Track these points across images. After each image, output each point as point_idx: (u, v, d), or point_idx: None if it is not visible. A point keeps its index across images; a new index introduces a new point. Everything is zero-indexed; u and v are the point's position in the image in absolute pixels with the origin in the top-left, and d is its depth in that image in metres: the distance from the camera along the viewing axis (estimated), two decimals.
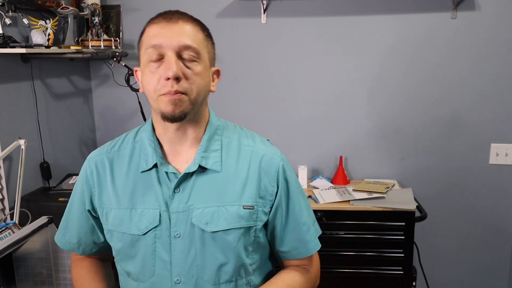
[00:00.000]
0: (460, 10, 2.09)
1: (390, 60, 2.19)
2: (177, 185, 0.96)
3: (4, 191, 1.76)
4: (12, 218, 1.67)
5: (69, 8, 1.93)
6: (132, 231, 0.96)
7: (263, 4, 2.20)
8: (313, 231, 1.05)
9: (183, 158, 0.98)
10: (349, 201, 1.98)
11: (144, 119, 2.17)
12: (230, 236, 0.95)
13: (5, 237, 1.43)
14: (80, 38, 2.19)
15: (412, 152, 2.26)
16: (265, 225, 1.01)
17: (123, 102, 2.41)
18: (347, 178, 2.25)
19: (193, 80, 0.90)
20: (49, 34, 1.84)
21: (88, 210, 1.04)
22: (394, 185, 2.16)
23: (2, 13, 1.68)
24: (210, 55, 0.96)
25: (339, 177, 2.23)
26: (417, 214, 1.95)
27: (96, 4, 2.15)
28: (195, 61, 0.91)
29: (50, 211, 1.64)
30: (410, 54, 2.17)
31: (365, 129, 2.27)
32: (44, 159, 2.00)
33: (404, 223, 1.94)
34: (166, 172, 0.97)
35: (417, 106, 2.21)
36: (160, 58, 0.90)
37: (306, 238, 1.03)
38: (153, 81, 0.89)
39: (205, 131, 0.99)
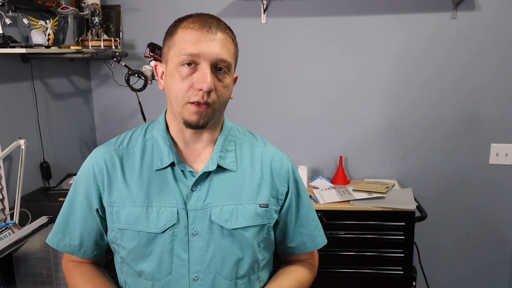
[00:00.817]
0: (460, 10, 2.09)
1: (390, 60, 2.19)
2: (195, 184, 0.97)
3: (4, 191, 1.76)
4: (12, 218, 1.67)
5: (69, 8, 1.93)
6: (150, 229, 0.96)
7: (263, 4, 2.20)
8: (320, 227, 1.12)
9: (198, 157, 1.00)
10: (349, 201, 1.98)
11: (144, 119, 2.17)
12: (248, 232, 0.98)
13: (5, 237, 1.43)
14: (80, 38, 2.19)
15: (412, 152, 2.26)
16: (275, 224, 1.05)
17: (123, 102, 2.41)
18: (347, 178, 2.25)
19: (221, 92, 0.93)
20: (49, 34, 1.84)
21: (97, 210, 1.01)
22: (394, 185, 2.16)
23: (2, 13, 1.68)
24: (235, 64, 0.99)
25: (339, 177, 2.23)
26: (417, 214, 1.95)
27: (96, 4, 2.15)
28: (226, 73, 0.93)
29: (50, 211, 1.64)
30: (410, 54, 2.17)
31: (365, 129, 2.27)
32: (44, 159, 2.00)
33: (404, 223, 1.94)
34: (182, 170, 0.98)
35: (417, 106, 2.21)
36: (193, 64, 0.90)
37: (314, 233, 1.10)
38: (184, 87, 0.90)
39: (220, 132, 1.02)
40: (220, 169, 0.99)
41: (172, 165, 0.98)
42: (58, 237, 1.06)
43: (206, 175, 0.98)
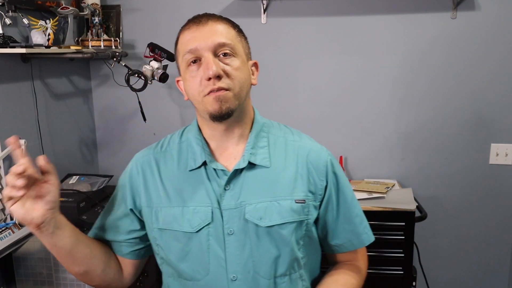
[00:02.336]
0: (460, 10, 2.09)
1: (390, 60, 2.19)
2: (227, 182, 0.97)
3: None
4: (12, 218, 1.67)
5: (69, 8, 1.93)
6: (185, 228, 0.96)
7: (263, 4, 2.20)
8: (366, 223, 1.08)
9: (231, 155, 1.00)
10: None
11: (144, 119, 2.17)
12: (284, 230, 0.95)
13: (5, 237, 1.43)
14: (80, 38, 2.19)
15: (412, 152, 2.26)
16: (316, 221, 1.02)
17: (123, 102, 2.41)
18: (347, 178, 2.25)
19: (234, 75, 0.92)
20: (49, 34, 1.84)
21: (131, 209, 1.04)
22: (394, 185, 2.16)
23: (2, 13, 1.68)
24: (245, 49, 0.99)
25: None
26: (417, 214, 1.95)
27: (96, 4, 2.15)
28: (232, 56, 0.93)
29: None
30: (410, 54, 2.17)
31: (365, 129, 2.27)
32: None
33: (404, 223, 1.93)
34: (215, 170, 0.98)
35: (417, 106, 2.21)
36: (198, 60, 0.92)
37: (359, 230, 1.06)
38: (195, 84, 0.92)
39: (251, 128, 1.01)
40: (252, 166, 0.98)
41: (205, 164, 0.98)
42: (95, 232, 1.11)
43: (238, 173, 0.97)
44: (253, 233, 0.95)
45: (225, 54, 0.92)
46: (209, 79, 0.89)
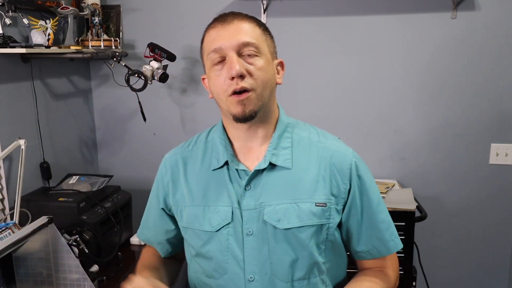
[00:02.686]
0: (460, 10, 2.09)
1: (390, 60, 2.19)
2: (248, 183, 0.97)
3: (4, 191, 1.77)
4: (12, 218, 1.67)
5: (69, 8, 1.93)
6: (205, 227, 0.98)
7: (263, 4, 2.20)
8: (393, 229, 1.03)
9: (254, 156, 1.00)
10: None
11: (144, 119, 2.17)
12: (303, 233, 0.94)
13: (5, 237, 1.43)
14: (80, 38, 2.19)
15: (412, 152, 2.26)
16: (339, 225, 1.00)
17: (123, 102, 2.41)
18: None
19: (257, 75, 0.92)
20: (49, 34, 1.84)
21: (162, 209, 1.08)
22: (394, 185, 2.16)
23: (2, 13, 1.68)
24: (271, 48, 1.00)
25: None
26: (417, 214, 1.95)
27: (96, 4, 2.15)
28: (256, 56, 0.93)
29: (50, 211, 1.64)
30: (410, 54, 2.17)
31: (365, 129, 2.27)
32: (44, 159, 2.00)
33: (404, 223, 1.93)
34: (237, 170, 0.98)
35: (417, 106, 2.21)
36: (222, 60, 0.92)
37: (385, 236, 1.01)
38: (219, 83, 0.92)
39: (275, 128, 1.01)
40: (274, 167, 0.97)
41: (227, 164, 0.99)
42: (143, 232, 1.16)
43: (259, 173, 0.97)
44: (271, 235, 0.94)
45: (249, 54, 0.92)
46: (232, 78, 0.90)
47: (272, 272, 0.95)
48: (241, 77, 0.90)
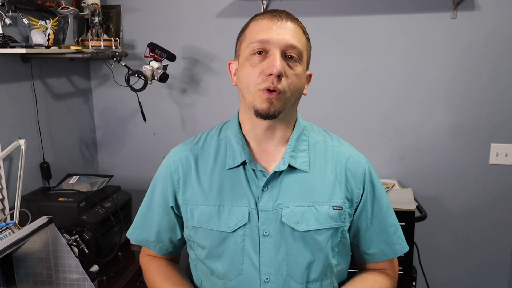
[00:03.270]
0: (460, 10, 2.09)
1: (390, 60, 2.19)
2: (266, 184, 0.96)
3: (4, 191, 1.76)
4: (12, 218, 1.67)
5: (69, 8, 1.93)
6: (221, 228, 0.96)
7: (263, 4, 2.20)
8: (401, 233, 1.06)
9: (270, 157, 0.99)
10: None
11: (144, 119, 2.17)
12: (321, 236, 0.95)
13: (5, 237, 1.43)
14: (80, 38, 2.19)
15: (412, 152, 2.26)
16: (349, 228, 1.01)
17: (123, 102, 2.41)
18: None
19: (292, 80, 0.92)
20: (49, 34, 1.84)
21: (172, 207, 1.04)
22: (394, 185, 2.16)
23: (2, 13, 1.68)
24: (308, 59, 1.00)
25: None
26: (417, 214, 1.95)
27: (96, 4, 2.15)
28: (297, 61, 0.93)
29: (50, 211, 1.64)
30: (410, 54, 2.17)
31: (365, 129, 2.27)
32: (44, 159, 2.00)
33: (404, 223, 1.93)
34: (254, 170, 0.97)
35: (417, 106, 2.21)
36: (264, 52, 0.91)
37: (392, 240, 1.05)
38: (254, 74, 0.91)
39: (292, 131, 1.01)
40: (291, 169, 0.97)
41: (244, 164, 0.98)
42: (137, 232, 1.11)
43: (277, 175, 0.97)
44: (289, 236, 0.94)
45: (291, 57, 0.92)
46: (270, 75, 0.89)
47: (288, 274, 0.95)
48: (279, 77, 0.89)
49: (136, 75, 2.03)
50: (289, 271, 0.95)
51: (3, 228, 1.46)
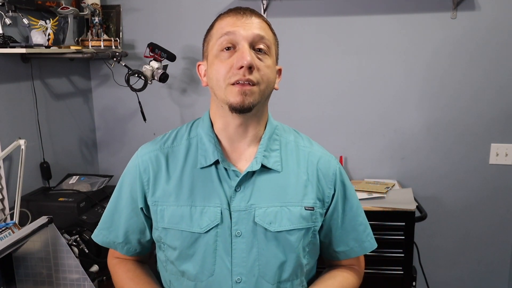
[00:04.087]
0: (460, 10, 2.09)
1: (390, 60, 2.19)
2: (239, 184, 0.95)
3: (4, 191, 1.77)
4: (12, 218, 1.67)
5: (69, 8, 1.93)
6: (193, 229, 0.94)
7: (263, 4, 2.20)
8: (369, 231, 1.07)
9: (242, 156, 0.98)
10: None
11: (144, 119, 2.17)
12: (293, 236, 0.95)
13: (5, 237, 1.43)
14: (80, 38, 2.19)
15: (412, 152, 2.26)
16: (320, 228, 1.01)
17: (123, 102, 2.41)
18: None
19: (264, 72, 0.91)
20: (49, 34, 1.84)
21: (141, 208, 1.01)
22: (394, 185, 2.16)
23: (2, 13, 1.68)
24: (276, 53, 1.00)
25: None
26: (417, 214, 1.95)
27: (96, 4, 2.15)
28: (266, 54, 0.92)
29: (50, 211, 1.64)
30: (410, 54, 2.17)
31: (365, 129, 2.27)
32: (44, 159, 2.00)
33: (404, 223, 1.93)
34: (226, 170, 0.96)
35: (417, 106, 2.21)
36: (232, 48, 0.90)
37: (362, 237, 1.06)
38: (224, 69, 0.89)
39: (264, 130, 0.99)
40: (264, 169, 0.96)
41: (216, 163, 0.96)
42: (103, 233, 1.07)
43: (250, 175, 0.96)
44: (262, 237, 0.94)
45: (260, 50, 0.91)
46: (241, 68, 0.87)
47: (260, 274, 0.94)
48: (250, 69, 0.88)
49: (136, 75, 2.03)
50: (261, 272, 0.94)
51: (3, 228, 1.46)
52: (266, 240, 0.94)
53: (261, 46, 0.91)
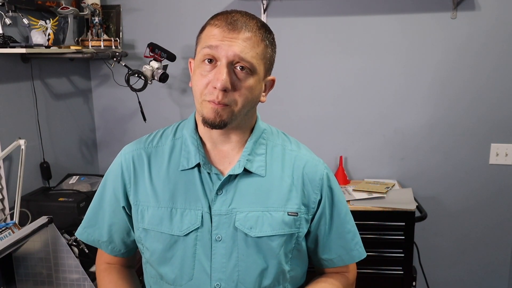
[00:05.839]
0: (460, 10, 2.09)
1: (390, 60, 2.19)
2: (220, 187, 0.93)
3: (4, 191, 1.77)
4: (12, 218, 1.67)
5: (69, 8, 1.93)
6: (173, 231, 0.93)
7: (263, 4, 2.20)
8: (358, 239, 1.04)
9: (226, 159, 0.96)
10: (349, 201, 1.98)
11: (144, 119, 2.17)
12: (274, 242, 0.92)
13: (5, 237, 1.43)
14: (80, 38, 2.19)
15: (412, 152, 2.26)
16: (306, 234, 0.99)
17: (123, 102, 2.41)
18: (347, 178, 2.25)
19: (242, 92, 0.87)
20: (49, 34, 1.84)
21: (123, 207, 1.00)
22: (394, 185, 2.16)
23: (2, 13, 1.68)
24: (267, 66, 0.93)
25: (339, 177, 2.23)
26: (417, 214, 1.96)
27: (96, 4, 2.15)
28: (248, 74, 0.88)
29: (50, 211, 1.64)
30: (410, 54, 2.17)
31: (365, 129, 2.27)
32: (44, 159, 2.00)
33: (404, 223, 1.94)
34: (209, 173, 0.94)
35: (417, 106, 2.21)
36: (214, 61, 0.87)
37: (350, 246, 1.02)
38: (201, 84, 0.87)
39: (250, 134, 0.97)
40: (247, 173, 0.94)
41: (198, 166, 0.94)
42: (88, 231, 1.06)
43: (232, 178, 0.93)
44: (242, 242, 0.92)
45: (242, 68, 0.87)
46: (215, 88, 0.85)
47: (239, 280, 0.92)
48: (225, 91, 0.85)
49: (136, 75, 2.03)
50: (241, 278, 0.92)
51: (3, 228, 1.46)
52: (246, 245, 0.92)
53: (243, 65, 0.87)
